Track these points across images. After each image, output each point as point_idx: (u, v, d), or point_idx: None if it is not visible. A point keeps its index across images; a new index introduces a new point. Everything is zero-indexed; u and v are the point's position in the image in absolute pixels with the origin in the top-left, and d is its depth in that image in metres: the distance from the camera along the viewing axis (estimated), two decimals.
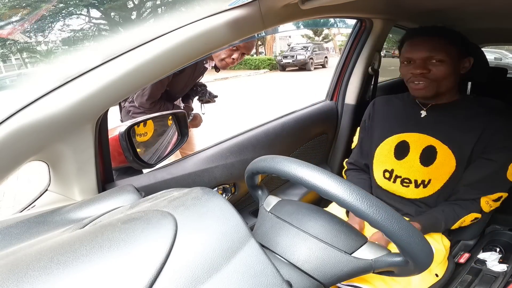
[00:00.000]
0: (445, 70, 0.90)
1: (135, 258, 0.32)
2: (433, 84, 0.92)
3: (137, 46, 0.61)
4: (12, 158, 0.54)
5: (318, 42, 19.06)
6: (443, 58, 0.89)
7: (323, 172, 0.44)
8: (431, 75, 0.91)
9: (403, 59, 0.97)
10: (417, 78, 0.93)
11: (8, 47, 7.91)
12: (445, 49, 0.89)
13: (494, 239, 1.13)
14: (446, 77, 0.91)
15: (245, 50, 1.40)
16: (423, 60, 0.91)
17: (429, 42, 0.91)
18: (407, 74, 0.96)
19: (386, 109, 1.11)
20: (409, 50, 0.94)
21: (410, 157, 0.98)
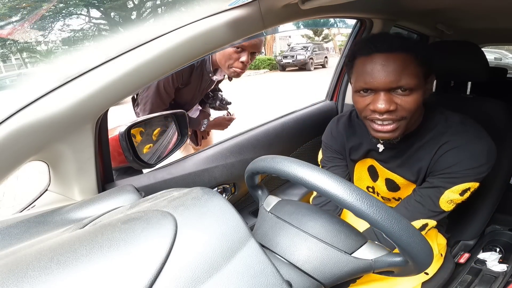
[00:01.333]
0: (416, 102, 0.69)
1: (135, 258, 0.32)
2: (401, 122, 0.71)
3: (137, 46, 0.61)
4: (12, 158, 0.54)
5: (318, 42, 19.06)
6: (413, 85, 0.67)
7: (323, 172, 0.44)
8: (399, 112, 0.69)
9: (357, 87, 0.72)
10: (381, 117, 0.70)
11: (8, 47, 7.91)
12: (415, 72, 0.67)
13: (494, 239, 1.13)
14: (416, 109, 0.71)
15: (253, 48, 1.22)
16: (387, 90, 0.68)
17: (394, 62, 0.66)
18: (365, 109, 0.73)
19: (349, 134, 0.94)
20: (367, 74, 0.68)
21: (380, 183, 0.93)
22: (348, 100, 1.47)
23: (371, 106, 0.71)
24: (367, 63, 0.69)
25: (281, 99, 7.37)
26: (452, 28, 1.55)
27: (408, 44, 0.68)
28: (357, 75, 0.72)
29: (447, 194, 0.75)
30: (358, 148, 0.92)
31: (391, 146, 0.83)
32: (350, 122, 0.95)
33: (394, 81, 0.66)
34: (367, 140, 0.89)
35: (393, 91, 0.69)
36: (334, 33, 23.37)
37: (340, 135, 0.95)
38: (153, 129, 0.93)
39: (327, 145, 0.99)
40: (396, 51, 0.67)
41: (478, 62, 1.00)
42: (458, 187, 0.74)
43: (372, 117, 0.72)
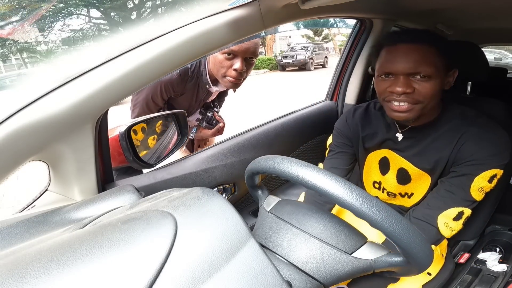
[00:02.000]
0: (432, 89, 0.74)
1: (135, 258, 0.32)
2: (417, 106, 0.76)
3: (137, 46, 0.61)
4: (12, 158, 0.54)
5: (318, 42, 19.06)
6: (430, 73, 0.73)
7: (323, 172, 0.44)
8: (415, 95, 0.75)
9: (380, 71, 0.79)
10: (398, 98, 0.76)
11: (8, 47, 7.91)
12: (434, 62, 0.73)
13: (494, 239, 1.13)
14: (433, 97, 0.76)
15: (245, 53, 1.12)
16: (406, 75, 0.74)
17: (416, 51, 0.73)
18: (384, 92, 0.79)
19: (365, 123, 0.98)
20: (390, 60, 0.76)
21: (390, 175, 0.94)
22: (348, 100, 1.47)
23: (390, 88, 0.77)
24: (391, 51, 0.77)
25: (281, 99, 7.37)
26: (452, 28, 1.55)
27: (430, 37, 0.75)
28: (381, 61, 0.79)
29: (477, 181, 0.77)
30: (373, 137, 0.95)
31: (409, 135, 0.88)
32: (367, 112, 0.99)
33: (413, 67, 0.73)
34: (383, 130, 0.93)
35: (412, 76, 0.74)
36: (334, 33, 23.38)
37: (355, 123, 0.99)
38: (153, 129, 0.93)
39: (339, 130, 1.02)
40: (418, 43, 0.74)
41: (478, 62, 1.00)
42: (486, 174, 0.77)
43: (390, 98, 0.78)
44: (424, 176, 0.88)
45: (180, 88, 1.28)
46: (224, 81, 1.17)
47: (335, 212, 1.04)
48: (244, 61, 1.12)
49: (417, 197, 0.93)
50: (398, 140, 0.89)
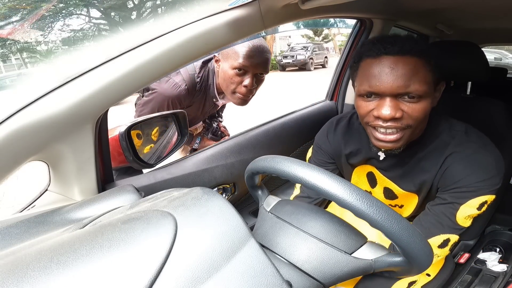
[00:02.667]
0: (424, 110, 0.65)
1: (135, 258, 0.32)
2: (406, 132, 0.67)
3: (137, 46, 0.61)
4: (12, 158, 0.54)
5: (318, 42, 19.06)
6: (422, 92, 0.63)
7: (323, 172, 0.44)
8: (404, 120, 0.65)
9: (361, 90, 0.67)
10: (385, 124, 0.65)
11: (8, 47, 7.91)
12: (425, 78, 0.63)
13: (494, 239, 1.13)
14: (423, 119, 0.67)
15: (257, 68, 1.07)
16: (394, 96, 0.63)
17: (404, 66, 0.62)
18: (368, 115, 0.68)
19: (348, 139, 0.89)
20: (373, 77, 0.64)
21: (378, 190, 0.89)
22: (348, 100, 1.47)
23: (375, 112, 0.66)
24: (374, 65, 0.64)
25: (281, 99, 7.37)
26: (452, 28, 1.55)
27: (420, 48, 0.64)
28: (363, 77, 0.67)
29: (463, 210, 0.69)
30: (357, 153, 0.88)
31: (393, 155, 0.78)
32: (349, 125, 0.89)
33: (402, 86, 0.62)
34: (367, 147, 0.84)
35: (400, 97, 0.64)
36: (334, 33, 23.37)
37: (337, 139, 0.90)
38: (153, 129, 0.93)
39: (320, 147, 0.94)
40: (406, 55, 0.62)
41: (478, 62, 1.00)
42: (473, 201, 0.69)
43: (374, 124, 0.68)
44: (411, 195, 0.84)
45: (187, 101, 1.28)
46: (233, 97, 1.14)
47: (334, 211, 1.04)
48: (254, 77, 1.10)
49: (408, 209, 0.90)
50: (380, 159, 0.81)
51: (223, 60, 1.13)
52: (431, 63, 0.65)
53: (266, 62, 1.11)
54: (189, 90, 1.24)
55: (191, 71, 1.25)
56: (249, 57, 1.06)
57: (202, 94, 1.29)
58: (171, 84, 1.23)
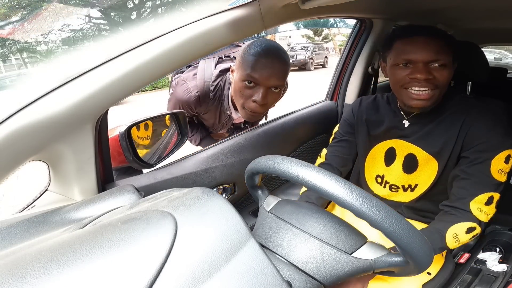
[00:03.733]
0: (448, 76, 0.81)
1: (135, 258, 0.32)
2: (435, 92, 0.81)
3: (137, 46, 0.61)
4: (12, 158, 0.54)
5: (318, 42, 19.05)
6: (447, 62, 0.80)
7: (323, 172, 0.44)
8: (435, 81, 0.80)
9: (399, 60, 0.83)
10: (420, 84, 0.80)
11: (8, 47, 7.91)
12: (447, 53, 0.80)
13: (494, 239, 1.12)
14: (447, 84, 0.83)
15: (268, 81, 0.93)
16: (426, 63, 0.80)
17: (433, 43, 0.80)
18: (404, 78, 0.83)
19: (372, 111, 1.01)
20: (409, 50, 0.81)
21: (396, 165, 0.95)
22: (348, 100, 1.47)
23: (411, 75, 0.81)
24: (408, 43, 0.82)
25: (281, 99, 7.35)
26: (452, 28, 1.55)
27: (443, 33, 0.82)
28: (398, 52, 0.83)
29: (494, 164, 0.79)
30: (379, 124, 0.98)
31: (415, 121, 0.91)
32: (374, 101, 1.02)
33: (434, 55, 0.79)
34: (389, 118, 0.96)
35: (431, 64, 0.80)
36: (334, 33, 23.38)
37: (361, 112, 1.02)
38: (153, 129, 0.93)
39: (345, 119, 1.07)
40: (434, 36, 0.80)
41: (478, 62, 1.00)
42: (500, 155, 0.79)
43: (410, 85, 0.82)
44: (431, 162, 0.90)
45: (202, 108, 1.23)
46: (243, 112, 1.03)
47: (335, 212, 1.04)
48: (267, 91, 0.95)
49: (420, 188, 0.93)
50: (405, 127, 0.93)
51: (236, 70, 1.01)
52: (452, 46, 0.81)
53: (282, 74, 0.95)
54: (201, 98, 1.18)
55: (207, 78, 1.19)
56: (260, 67, 0.92)
57: (217, 104, 1.22)
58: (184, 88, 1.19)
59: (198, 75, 1.19)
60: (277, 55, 0.95)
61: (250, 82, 0.95)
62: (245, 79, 0.95)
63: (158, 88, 11.23)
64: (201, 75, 1.19)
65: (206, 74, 1.19)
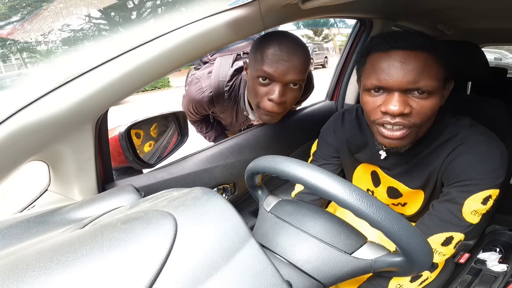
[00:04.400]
0: (432, 108, 0.63)
1: (135, 258, 0.32)
2: (412, 130, 0.65)
3: (137, 46, 0.61)
4: (12, 158, 0.54)
5: (318, 42, 19.05)
6: (432, 88, 0.61)
7: (323, 172, 0.44)
8: (412, 117, 0.63)
9: (369, 85, 0.65)
10: (393, 121, 0.63)
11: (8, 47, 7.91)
12: (435, 74, 0.61)
13: (494, 239, 1.12)
14: (431, 117, 0.65)
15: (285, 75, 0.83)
16: (403, 91, 0.61)
17: (415, 60, 0.60)
18: (374, 111, 0.66)
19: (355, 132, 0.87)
20: (382, 71, 0.62)
21: (381, 189, 0.87)
22: (348, 100, 1.47)
23: (382, 108, 0.64)
24: (383, 59, 0.63)
25: None
26: (452, 28, 1.55)
27: (431, 44, 0.62)
28: (370, 72, 0.65)
29: (468, 204, 0.68)
30: (362, 147, 0.86)
31: (395, 153, 0.76)
32: (357, 119, 0.88)
33: (412, 82, 0.60)
34: (371, 142, 0.83)
35: (409, 93, 0.62)
36: (334, 33, 23.39)
37: (344, 133, 0.88)
38: (153, 129, 0.93)
39: (325, 140, 0.92)
40: (417, 50, 0.61)
41: (478, 62, 1.00)
42: (478, 196, 0.67)
43: (382, 121, 0.65)
44: (417, 192, 0.82)
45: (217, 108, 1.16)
46: (259, 112, 0.92)
47: (335, 212, 1.04)
48: (284, 87, 0.85)
49: (411, 208, 0.87)
50: (381, 159, 0.79)
51: (249, 66, 0.92)
52: (442, 59, 0.63)
53: (300, 67, 0.84)
54: (215, 99, 1.11)
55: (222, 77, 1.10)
56: (275, 61, 0.82)
57: (233, 104, 1.14)
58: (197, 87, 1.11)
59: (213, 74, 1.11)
60: (293, 46, 0.83)
61: (265, 79, 0.84)
62: (259, 76, 0.85)
63: (158, 88, 11.24)
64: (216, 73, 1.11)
65: (222, 73, 1.10)
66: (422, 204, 0.85)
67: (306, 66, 0.87)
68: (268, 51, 0.82)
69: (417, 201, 0.85)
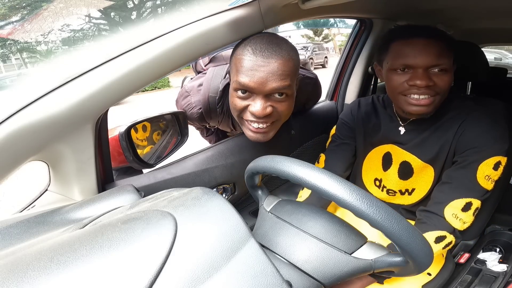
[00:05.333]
0: (449, 81, 0.77)
1: (135, 258, 0.32)
2: (436, 98, 0.77)
3: (137, 46, 0.61)
4: (12, 158, 0.54)
5: (318, 42, 19.06)
6: (448, 66, 0.76)
7: (323, 172, 0.44)
8: (436, 88, 0.76)
9: (396, 65, 0.78)
10: (420, 91, 0.76)
11: (8, 47, 7.91)
12: (448, 56, 0.76)
13: (494, 239, 1.12)
14: (447, 90, 0.78)
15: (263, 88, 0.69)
16: (426, 68, 0.75)
17: (434, 46, 0.75)
18: (402, 85, 0.78)
19: (370, 115, 0.98)
20: (408, 53, 0.76)
21: (392, 170, 0.93)
22: (348, 100, 1.47)
23: (410, 82, 0.76)
24: (406, 45, 0.76)
25: None
26: (452, 28, 1.55)
27: (444, 34, 0.78)
28: (395, 55, 0.78)
29: (481, 169, 0.76)
30: (376, 130, 0.95)
31: (411, 128, 0.88)
32: (373, 104, 0.99)
33: (434, 60, 0.74)
34: (386, 123, 0.93)
35: (431, 69, 0.75)
36: (334, 33, 23.38)
37: (360, 115, 0.99)
38: (153, 129, 0.93)
39: (344, 121, 1.03)
40: (434, 38, 0.75)
41: (478, 62, 1.00)
42: (489, 161, 0.75)
43: (409, 92, 0.77)
44: (427, 169, 0.87)
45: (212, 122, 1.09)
46: (244, 127, 0.79)
47: (335, 212, 1.04)
48: (267, 99, 0.72)
49: (418, 193, 0.92)
50: (401, 134, 0.90)
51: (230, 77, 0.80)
52: (451, 48, 0.77)
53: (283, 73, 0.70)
54: (205, 115, 1.03)
55: (213, 92, 0.99)
56: (249, 68, 0.69)
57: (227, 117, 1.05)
58: (186, 103, 1.03)
59: (203, 88, 1.00)
60: (269, 47, 0.70)
61: (244, 92, 0.73)
62: (235, 88, 0.74)
63: (158, 88, 11.24)
64: (206, 87, 1.00)
65: (212, 87, 0.99)
66: (431, 184, 0.88)
67: (290, 68, 0.72)
68: (242, 57, 0.70)
69: (426, 181, 0.89)
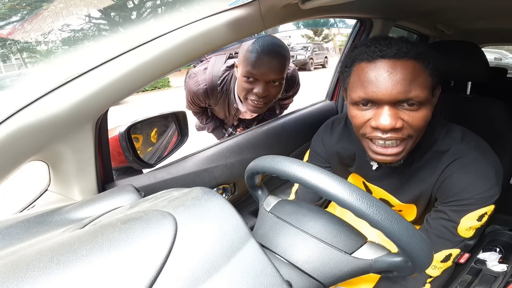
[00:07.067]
0: (425, 118, 0.59)
1: (135, 258, 0.32)
2: (408, 143, 0.62)
3: (137, 46, 0.61)
4: (12, 158, 0.54)
5: (318, 42, 19.05)
6: (423, 98, 0.58)
7: (323, 172, 0.44)
8: (405, 130, 0.59)
9: (356, 98, 0.61)
10: (384, 136, 0.60)
11: (8, 47, 7.91)
12: (425, 83, 0.58)
13: (494, 239, 1.12)
14: (424, 128, 0.62)
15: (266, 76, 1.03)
16: (393, 104, 0.58)
17: (403, 70, 0.56)
18: (363, 126, 0.63)
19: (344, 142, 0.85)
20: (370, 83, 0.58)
21: None
22: None
23: (372, 122, 0.60)
24: (369, 70, 0.59)
25: None
26: (452, 28, 1.55)
27: (418, 50, 0.59)
28: (356, 84, 0.61)
29: (464, 222, 0.67)
30: (351, 158, 0.84)
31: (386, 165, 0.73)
32: (346, 128, 0.85)
33: (402, 93, 0.56)
34: (361, 153, 0.79)
35: (399, 105, 0.59)
36: (334, 33, 23.39)
37: (333, 144, 0.86)
38: (153, 129, 0.93)
39: (316, 152, 0.92)
40: (405, 58, 0.57)
41: (478, 62, 1.00)
42: (473, 214, 0.66)
43: (372, 136, 0.62)
44: (409, 206, 0.80)
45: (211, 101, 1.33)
46: (246, 103, 1.13)
47: (334, 211, 1.04)
48: (266, 85, 1.05)
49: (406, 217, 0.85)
50: (373, 169, 0.75)
51: (239, 66, 1.11)
52: (430, 66, 0.60)
53: (279, 69, 1.03)
54: (209, 91, 1.29)
55: (215, 72, 1.28)
56: (257, 64, 1.01)
57: (224, 97, 1.31)
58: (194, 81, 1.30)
59: (208, 70, 1.29)
60: (274, 51, 1.03)
61: (250, 78, 1.04)
62: (245, 75, 1.05)
63: (158, 88, 11.23)
64: (210, 69, 1.29)
65: (215, 69, 1.28)
66: (415, 216, 0.84)
67: (285, 66, 1.07)
68: (252, 55, 1.02)
69: (410, 213, 0.84)
